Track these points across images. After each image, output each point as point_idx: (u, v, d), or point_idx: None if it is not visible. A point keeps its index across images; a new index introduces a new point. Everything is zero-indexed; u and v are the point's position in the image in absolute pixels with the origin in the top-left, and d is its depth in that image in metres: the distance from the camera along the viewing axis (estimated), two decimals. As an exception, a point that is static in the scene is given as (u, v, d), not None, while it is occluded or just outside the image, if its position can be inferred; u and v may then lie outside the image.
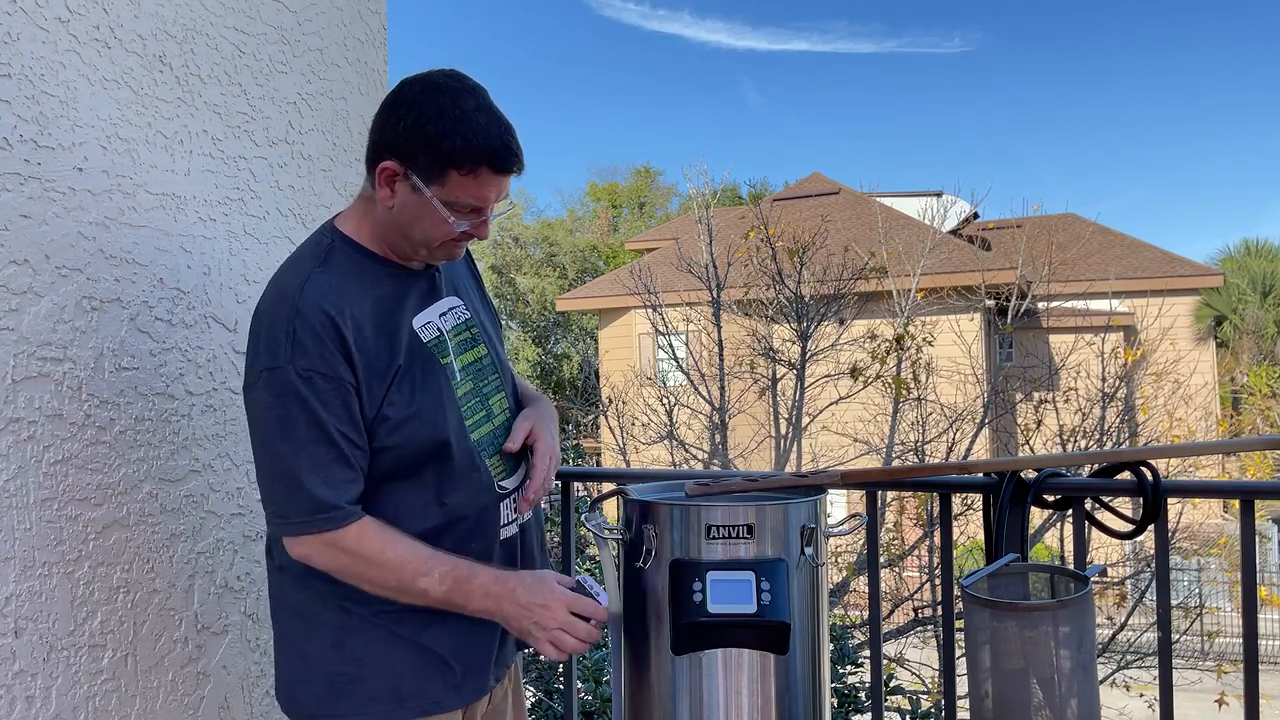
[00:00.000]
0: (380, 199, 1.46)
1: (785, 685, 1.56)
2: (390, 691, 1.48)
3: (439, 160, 1.40)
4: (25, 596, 1.50)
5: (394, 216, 1.46)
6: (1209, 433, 11.75)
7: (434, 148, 1.39)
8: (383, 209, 1.47)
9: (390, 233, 1.49)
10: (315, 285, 1.42)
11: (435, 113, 1.40)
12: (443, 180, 1.41)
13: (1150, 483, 1.75)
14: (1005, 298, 12.17)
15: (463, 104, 1.41)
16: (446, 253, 1.52)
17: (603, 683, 3.90)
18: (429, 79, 1.45)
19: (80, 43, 1.59)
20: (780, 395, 9.08)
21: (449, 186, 1.41)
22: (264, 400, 1.39)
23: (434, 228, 1.45)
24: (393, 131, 1.42)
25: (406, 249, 1.50)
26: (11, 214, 1.49)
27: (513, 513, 1.59)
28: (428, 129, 1.39)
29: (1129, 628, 7.51)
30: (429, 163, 1.40)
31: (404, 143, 1.41)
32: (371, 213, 1.50)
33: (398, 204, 1.44)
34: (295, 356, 1.37)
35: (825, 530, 1.63)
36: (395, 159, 1.42)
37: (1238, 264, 22.39)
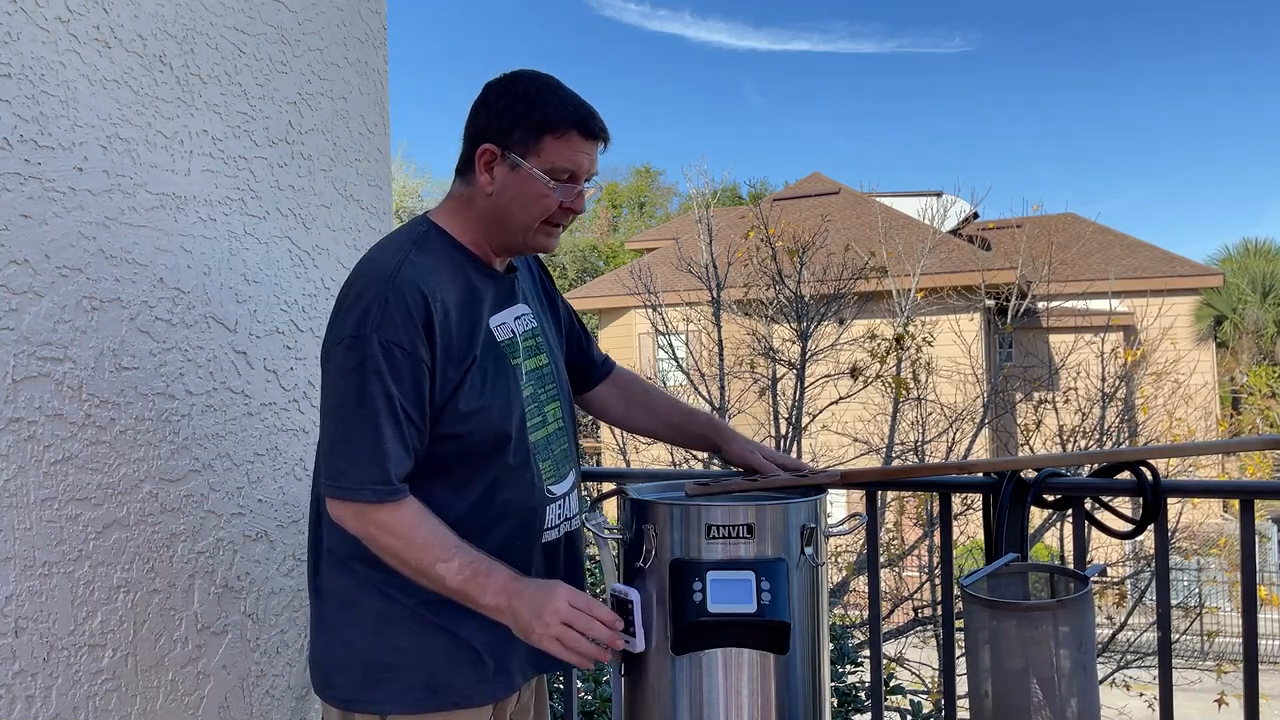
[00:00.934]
0: (480, 186, 1.53)
1: (785, 685, 1.56)
2: (424, 682, 1.50)
3: (533, 129, 1.49)
4: (25, 596, 1.50)
5: (495, 201, 1.53)
6: (1209, 433, 11.76)
7: (526, 118, 1.50)
8: (482, 197, 1.54)
9: (490, 222, 1.55)
10: (412, 264, 1.48)
11: (522, 92, 1.52)
12: (539, 148, 1.49)
13: (1150, 482, 1.75)
14: (1005, 298, 12.17)
15: (545, 81, 1.54)
16: (544, 236, 1.57)
17: (603, 683, 3.90)
18: (508, 75, 1.56)
19: (80, 42, 1.59)
20: (780, 395, 9.08)
21: (545, 154, 1.50)
22: (342, 366, 1.43)
23: (534, 202, 1.52)
24: (485, 119, 1.53)
25: (505, 236, 1.56)
26: (12, 214, 1.49)
27: (558, 518, 1.62)
28: (518, 106, 1.51)
29: (1129, 628, 7.52)
30: (524, 134, 1.49)
31: (497, 124, 1.51)
32: (465, 209, 1.57)
33: (498, 186, 1.52)
34: (382, 326, 1.41)
35: (825, 530, 1.63)
36: (491, 142, 1.51)
37: (1238, 264, 22.38)
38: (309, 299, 2.05)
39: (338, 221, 2.14)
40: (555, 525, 1.62)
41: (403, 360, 1.41)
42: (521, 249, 1.59)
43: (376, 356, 1.40)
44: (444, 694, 1.50)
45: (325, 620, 1.56)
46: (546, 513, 1.60)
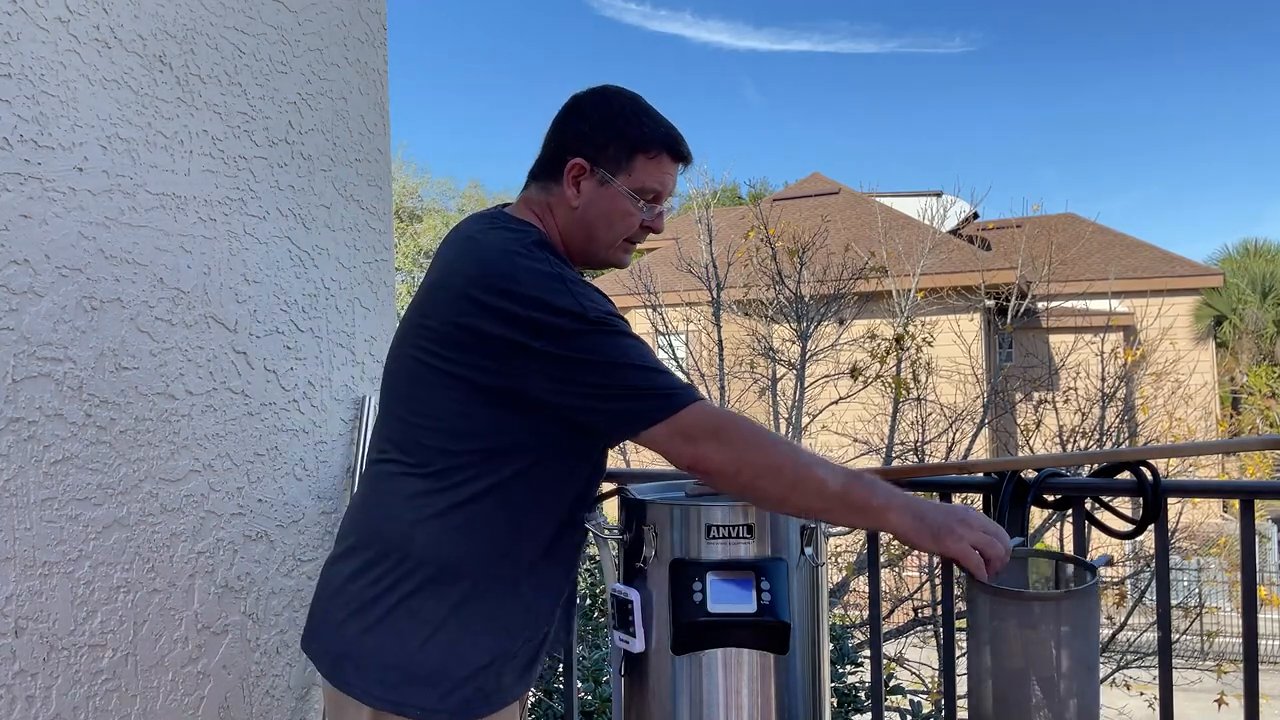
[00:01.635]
0: (566, 199, 1.52)
1: (785, 685, 1.56)
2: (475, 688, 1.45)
3: (627, 147, 1.50)
4: (25, 596, 1.50)
5: (580, 215, 1.53)
6: (1209, 433, 11.77)
7: (621, 136, 1.51)
8: (565, 209, 1.53)
9: (571, 234, 1.55)
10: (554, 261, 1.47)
11: (618, 109, 1.53)
12: (630, 167, 1.51)
13: (1150, 483, 1.75)
14: (1005, 298, 12.17)
15: (639, 102, 1.56)
16: (623, 252, 1.58)
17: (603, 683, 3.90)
18: (600, 89, 1.58)
19: (80, 43, 1.59)
20: (780, 395, 9.08)
21: (635, 173, 1.51)
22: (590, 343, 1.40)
23: (620, 220, 1.53)
24: (577, 131, 1.53)
25: (586, 249, 1.56)
26: (12, 214, 1.49)
27: None
28: (614, 123, 1.52)
29: (1129, 627, 7.51)
30: (617, 152, 1.50)
31: (591, 138, 1.51)
32: (547, 216, 1.55)
33: (584, 201, 1.52)
34: (589, 305, 1.41)
35: (825, 530, 1.63)
36: (583, 156, 1.51)
37: (1237, 264, 22.37)
38: (309, 299, 2.05)
39: (338, 221, 2.14)
40: None
41: (620, 320, 1.44)
42: (598, 264, 1.59)
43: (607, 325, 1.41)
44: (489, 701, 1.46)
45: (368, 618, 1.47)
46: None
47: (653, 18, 58.04)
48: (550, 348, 1.39)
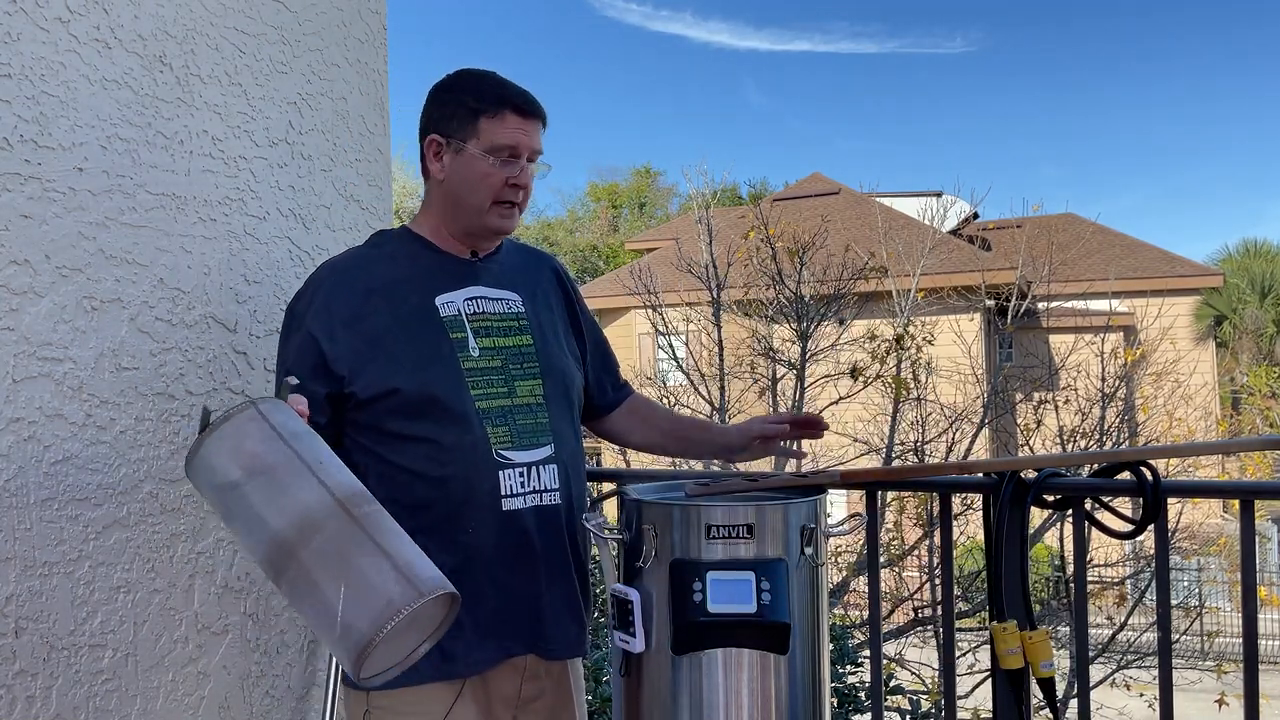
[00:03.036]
0: (434, 176, 1.68)
1: (785, 685, 1.56)
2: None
3: (468, 113, 1.63)
4: (26, 596, 1.50)
5: (447, 187, 1.67)
6: (1209, 433, 11.76)
7: (460, 104, 1.64)
8: (436, 187, 1.69)
9: (445, 208, 1.69)
10: (346, 257, 1.71)
11: (456, 84, 1.68)
12: (476, 130, 1.63)
13: (1150, 483, 1.75)
14: (1005, 298, 12.16)
15: (478, 72, 1.70)
16: (499, 217, 1.67)
17: (603, 683, 3.90)
18: (449, 74, 1.72)
19: (80, 43, 1.59)
20: (780, 395, 9.08)
21: (484, 135, 1.62)
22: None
23: (481, 181, 1.64)
24: (429, 113, 1.68)
25: (463, 218, 1.68)
26: (12, 214, 1.49)
27: (521, 487, 1.63)
28: (454, 95, 1.66)
29: (1129, 628, 7.51)
30: (461, 120, 1.63)
31: (437, 115, 1.66)
32: (428, 205, 1.72)
33: (448, 172, 1.66)
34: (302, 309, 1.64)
35: (825, 530, 1.63)
36: (435, 132, 1.66)
37: (1237, 264, 22.37)
38: (309, 299, 2.05)
39: (338, 222, 2.14)
40: (517, 494, 1.63)
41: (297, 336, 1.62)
42: (481, 230, 1.70)
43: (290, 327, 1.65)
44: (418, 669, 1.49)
45: None
46: (500, 478, 1.61)
47: (654, 18, 58.05)
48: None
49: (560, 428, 1.71)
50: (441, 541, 1.57)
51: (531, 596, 1.64)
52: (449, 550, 1.57)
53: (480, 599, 1.59)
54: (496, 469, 1.62)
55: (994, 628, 1.80)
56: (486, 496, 1.61)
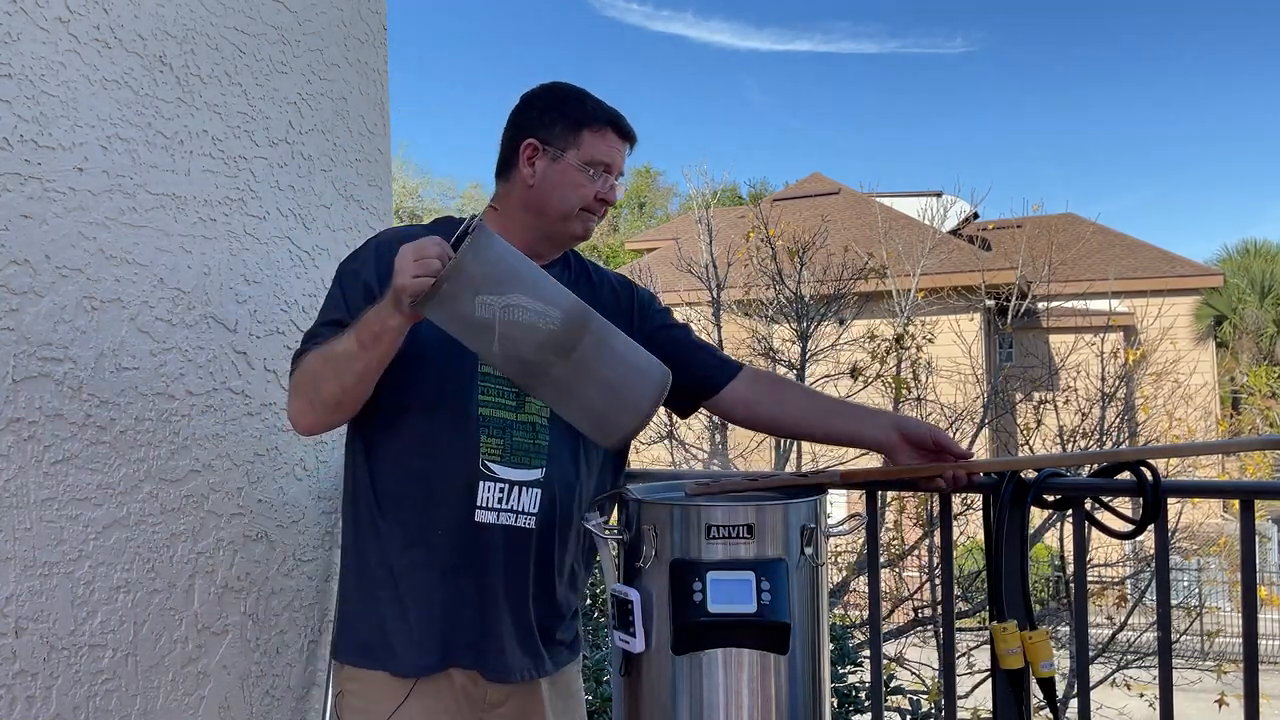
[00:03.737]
0: (523, 179, 1.69)
1: (785, 685, 1.56)
2: (363, 640, 1.65)
3: (574, 124, 1.67)
4: (26, 596, 1.51)
5: (537, 192, 1.68)
6: (1209, 433, 11.77)
7: (567, 116, 1.68)
8: (523, 189, 1.69)
9: (529, 211, 1.70)
10: (410, 228, 1.71)
11: (563, 94, 1.72)
12: (578, 142, 1.67)
13: (1150, 483, 1.75)
14: (1005, 298, 12.16)
15: (581, 89, 1.74)
16: (581, 225, 1.71)
17: (603, 683, 3.90)
18: (547, 84, 1.75)
19: (80, 43, 1.59)
20: (780, 395, 9.06)
21: (584, 147, 1.67)
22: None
23: (573, 190, 1.68)
24: (528, 117, 1.70)
25: (545, 223, 1.70)
26: (12, 214, 1.49)
27: (497, 502, 1.62)
28: (561, 105, 1.70)
29: (1129, 628, 7.51)
30: (565, 130, 1.67)
31: (540, 121, 1.68)
32: (505, 205, 1.72)
33: (539, 177, 1.68)
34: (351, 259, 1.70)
35: (825, 530, 1.63)
36: (534, 137, 1.68)
37: (1237, 264, 22.37)
38: (309, 299, 2.05)
39: (338, 222, 2.14)
40: (492, 509, 1.61)
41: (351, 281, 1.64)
42: (560, 235, 1.73)
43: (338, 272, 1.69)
44: (371, 654, 1.63)
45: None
46: (479, 488, 1.60)
47: (655, 18, 58.05)
48: None
49: (559, 453, 1.67)
50: (408, 535, 1.62)
51: (480, 614, 1.62)
52: (413, 545, 1.61)
53: (429, 602, 1.61)
54: (478, 478, 1.61)
55: (994, 628, 1.80)
56: (461, 503, 1.60)
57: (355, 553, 1.68)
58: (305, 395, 1.56)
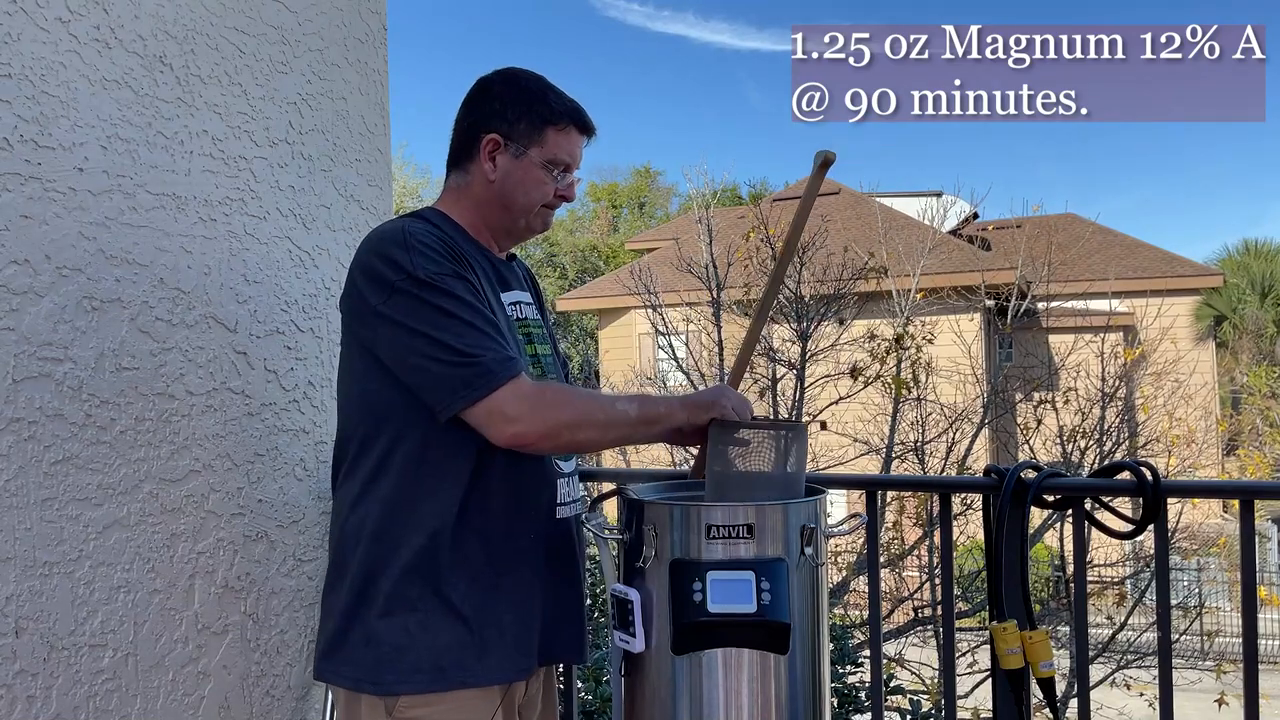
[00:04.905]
0: (483, 174, 1.63)
1: (785, 685, 1.56)
2: (431, 663, 1.51)
3: (537, 120, 1.62)
4: (26, 596, 1.51)
5: (496, 189, 1.64)
6: (1209, 433, 11.74)
7: (531, 111, 1.62)
8: (482, 184, 1.64)
9: (490, 207, 1.65)
10: (416, 225, 1.57)
11: (526, 88, 1.65)
12: (541, 139, 1.62)
13: (1150, 483, 1.75)
14: (1005, 298, 12.16)
15: (543, 81, 1.68)
16: (541, 220, 1.68)
17: (603, 683, 3.90)
18: (504, 71, 1.68)
19: (81, 43, 1.59)
20: (780, 395, 9.08)
21: (547, 145, 1.62)
22: (408, 306, 1.47)
23: (534, 188, 1.64)
24: (489, 109, 1.63)
25: (506, 219, 1.67)
26: (12, 214, 1.49)
27: (567, 496, 1.68)
28: (522, 100, 1.63)
29: (1129, 628, 7.51)
30: (528, 126, 1.61)
31: (502, 115, 1.62)
32: (463, 197, 1.66)
33: (500, 174, 1.63)
34: (417, 265, 1.48)
35: (825, 530, 1.63)
36: (496, 131, 1.62)
37: (1238, 264, 22.35)
38: (309, 299, 2.05)
39: (338, 222, 2.14)
40: (566, 503, 1.68)
41: (454, 280, 1.49)
42: (520, 231, 1.70)
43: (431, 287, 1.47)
44: (451, 673, 1.52)
45: (337, 603, 1.58)
46: (558, 487, 1.66)
47: (655, 18, 57.98)
48: (381, 303, 1.48)
49: None
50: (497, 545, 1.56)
51: (571, 605, 1.68)
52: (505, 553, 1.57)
53: (528, 606, 1.58)
54: (554, 475, 1.65)
55: (994, 628, 1.80)
56: (545, 505, 1.63)
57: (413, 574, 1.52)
58: (554, 421, 1.49)
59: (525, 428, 1.46)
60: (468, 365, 1.44)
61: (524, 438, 1.47)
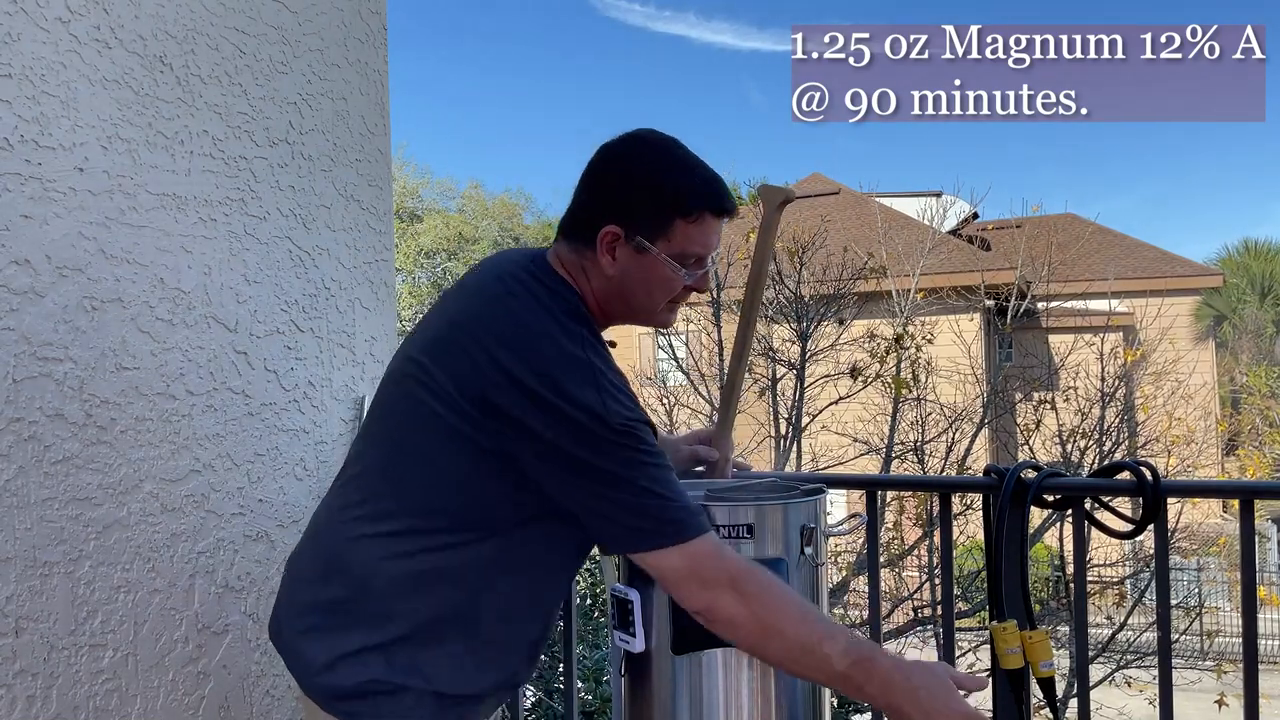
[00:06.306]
0: (601, 267, 1.40)
1: (785, 685, 1.56)
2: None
3: (664, 211, 1.38)
4: (26, 596, 1.51)
5: (616, 284, 1.41)
6: (1208, 433, 11.75)
7: (656, 199, 1.38)
8: (601, 278, 1.42)
9: (611, 302, 1.44)
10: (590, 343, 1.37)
11: (651, 166, 1.40)
12: (668, 233, 1.38)
13: (1150, 483, 1.75)
14: (1005, 298, 12.16)
15: (675, 152, 1.42)
16: (667, 314, 1.48)
17: (603, 683, 3.91)
18: (632, 139, 1.44)
19: (81, 43, 1.59)
20: (780, 395, 9.08)
21: (675, 239, 1.39)
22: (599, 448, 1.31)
23: (659, 287, 1.42)
24: (609, 193, 1.40)
25: (625, 315, 1.47)
26: (12, 214, 1.49)
27: None
28: (648, 181, 1.39)
29: (1129, 628, 7.52)
30: (652, 216, 1.38)
31: (622, 201, 1.39)
32: (581, 278, 1.43)
33: (620, 269, 1.40)
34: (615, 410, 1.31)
35: (825, 530, 1.63)
36: (615, 221, 1.38)
37: (1237, 264, 22.37)
38: (309, 299, 2.05)
39: (338, 222, 2.14)
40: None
41: (645, 427, 1.34)
42: (639, 325, 1.53)
43: (627, 433, 1.31)
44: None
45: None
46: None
47: (656, 18, 57.94)
48: (558, 436, 1.30)
49: None
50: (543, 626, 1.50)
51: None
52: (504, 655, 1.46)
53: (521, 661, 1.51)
54: None
55: (994, 628, 1.80)
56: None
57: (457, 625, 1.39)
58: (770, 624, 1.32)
59: (726, 603, 1.32)
60: (663, 516, 1.32)
61: (719, 611, 1.33)
